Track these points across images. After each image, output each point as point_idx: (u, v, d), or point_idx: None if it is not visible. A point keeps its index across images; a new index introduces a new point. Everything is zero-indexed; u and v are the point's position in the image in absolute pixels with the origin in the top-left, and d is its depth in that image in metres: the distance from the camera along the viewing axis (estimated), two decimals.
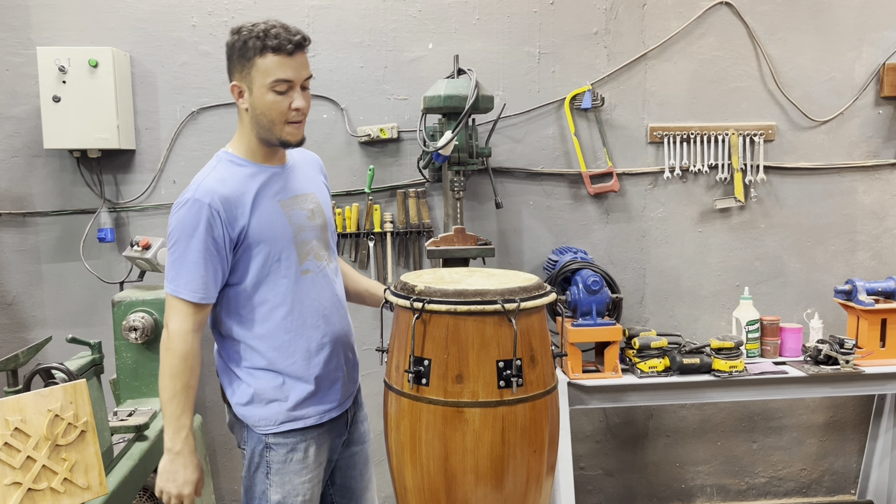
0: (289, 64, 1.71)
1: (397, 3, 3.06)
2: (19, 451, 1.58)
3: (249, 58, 1.72)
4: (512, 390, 1.68)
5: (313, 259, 1.86)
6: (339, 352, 1.91)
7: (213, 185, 1.73)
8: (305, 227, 1.84)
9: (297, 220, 1.83)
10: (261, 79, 1.72)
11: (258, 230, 1.76)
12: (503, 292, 1.69)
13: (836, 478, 3.50)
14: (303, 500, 1.85)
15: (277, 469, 1.83)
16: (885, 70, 3.21)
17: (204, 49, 3.02)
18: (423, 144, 2.72)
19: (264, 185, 1.80)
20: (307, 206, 1.88)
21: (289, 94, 1.74)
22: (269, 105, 1.73)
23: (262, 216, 1.77)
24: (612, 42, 3.15)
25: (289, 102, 1.74)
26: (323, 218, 1.92)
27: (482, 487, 1.70)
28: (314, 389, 1.85)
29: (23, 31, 2.93)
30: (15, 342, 3.05)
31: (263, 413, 1.83)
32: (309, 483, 1.86)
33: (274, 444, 1.84)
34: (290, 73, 1.72)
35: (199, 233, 1.69)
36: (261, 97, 1.73)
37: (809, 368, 2.86)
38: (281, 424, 1.83)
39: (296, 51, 1.73)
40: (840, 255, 3.34)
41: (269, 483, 1.83)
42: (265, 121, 1.76)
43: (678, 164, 3.19)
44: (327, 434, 1.91)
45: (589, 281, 2.77)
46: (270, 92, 1.72)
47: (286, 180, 1.86)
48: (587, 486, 3.39)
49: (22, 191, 3.01)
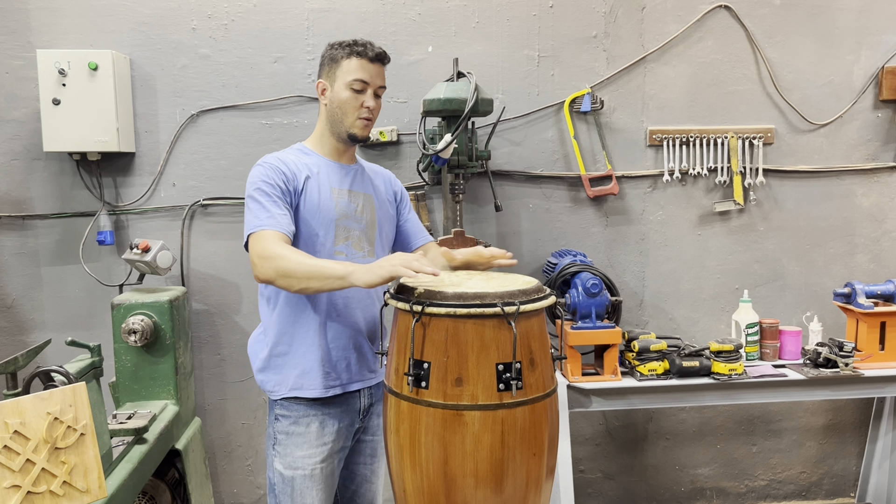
0: (367, 68, 1.98)
1: (397, 6, 3.07)
2: (18, 453, 1.57)
3: (337, 60, 1.99)
4: (511, 393, 1.68)
5: (350, 246, 2.02)
6: (352, 336, 2.02)
7: (278, 155, 2.02)
8: (350, 217, 2.03)
9: (343, 207, 2.02)
10: (343, 77, 1.98)
11: (307, 200, 1.97)
12: (502, 295, 1.69)
13: (836, 480, 3.50)
14: (303, 474, 1.97)
15: (281, 440, 2.00)
16: (883, 73, 3.22)
17: (204, 52, 3.02)
18: (422, 147, 2.72)
19: (321, 171, 2.02)
20: (358, 200, 2.07)
21: (363, 94, 1.99)
22: (346, 100, 1.99)
23: (311, 192, 1.97)
24: (611, 45, 3.16)
25: (362, 100, 1.99)
26: (373, 216, 2.09)
27: (482, 490, 1.70)
28: (323, 362, 1.98)
29: (22, 34, 2.94)
30: (14, 345, 3.05)
31: (276, 378, 2.00)
32: (310, 458, 1.97)
33: (280, 414, 2.00)
34: (366, 76, 1.98)
35: (269, 182, 1.92)
36: (340, 92, 1.99)
37: (809, 371, 2.86)
38: (291, 390, 1.98)
39: (376, 60, 2.00)
40: (839, 258, 3.34)
41: (276, 453, 2.01)
42: (339, 114, 2.00)
43: (677, 167, 3.20)
44: (335, 417, 2.01)
45: (588, 284, 2.77)
46: (348, 89, 1.98)
47: (346, 175, 2.07)
48: (587, 489, 3.39)
49: (21, 194, 3.01)
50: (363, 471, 2.17)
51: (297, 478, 1.97)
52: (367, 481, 2.18)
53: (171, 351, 2.72)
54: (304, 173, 1.98)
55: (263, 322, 2.06)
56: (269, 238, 1.84)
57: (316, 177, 2.00)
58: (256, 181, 1.93)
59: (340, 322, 2.00)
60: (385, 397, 1.86)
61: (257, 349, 2.07)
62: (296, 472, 1.97)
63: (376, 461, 2.19)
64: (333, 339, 2.00)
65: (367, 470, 2.18)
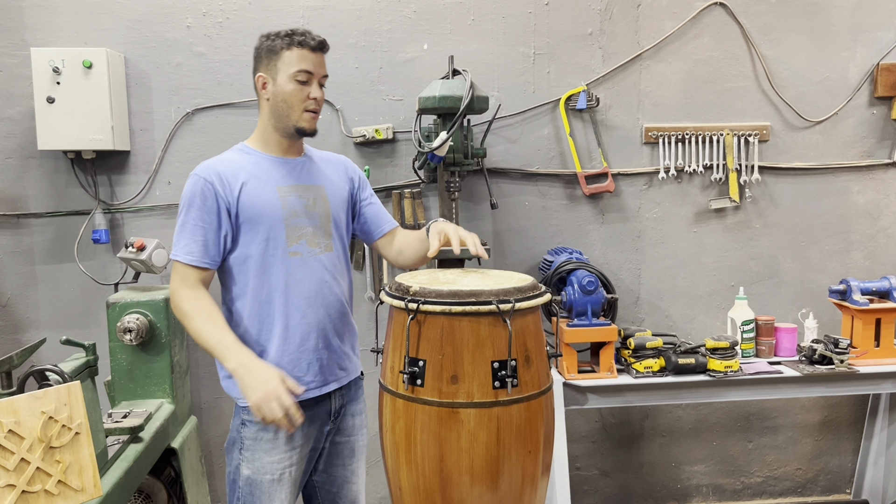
0: (310, 58, 1.91)
1: (392, 3, 3.06)
2: (13, 453, 1.57)
3: (277, 51, 1.91)
4: (507, 391, 1.68)
5: (305, 244, 1.95)
6: (320, 336, 1.96)
7: (211, 163, 1.93)
8: (301, 214, 1.95)
9: (291, 205, 1.94)
10: (286, 69, 1.90)
11: (246, 206, 1.90)
12: (498, 293, 1.69)
13: (832, 477, 3.51)
14: (271, 478, 1.92)
15: (249, 445, 1.93)
16: (878, 70, 3.23)
17: (199, 50, 3.01)
18: (418, 145, 2.72)
19: (263, 170, 1.95)
20: (309, 195, 1.99)
21: (308, 85, 1.92)
22: (291, 93, 1.91)
23: (252, 194, 1.91)
24: (606, 43, 3.16)
25: (308, 92, 1.92)
26: (326, 209, 2.02)
27: (477, 488, 1.70)
28: (289, 367, 1.91)
29: (17, 32, 2.93)
30: (9, 344, 3.04)
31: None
32: (279, 464, 1.92)
33: (247, 419, 1.93)
34: (310, 66, 1.91)
35: (196, 203, 1.87)
36: (283, 85, 1.91)
37: (804, 368, 2.87)
38: None
39: (318, 49, 1.93)
40: (834, 255, 3.35)
41: (242, 458, 1.94)
42: (285, 108, 1.93)
43: (673, 164, 3.20)
44: (306, 420, 1.93)
45: (584, 281, 2.77)
46: (293, 81, 1.90)
47: (292, 170, 2.00)
48: (583, 486, 3.39)
49: (16, 192, 3.00)
50: (342, 472, 2.11)
51: (265, 482, 1.91)
52: (347, 482, 2.12)
53: (167, 349, 2.72)
54: (242, 178, 1.91)
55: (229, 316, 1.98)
56: (182, 281, 1.86)
57: (256, 179, 1.92)
58: (186, 196, 1.88)
59: (306, 324, 1.94)
60: (380, 395, 1.86)
61: None
62: (264, 477, 1.91)
63: (355, 461, 2.13)
64: (301, 342, 1.93)
65: (346, 472, 2.12)
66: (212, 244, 1.88)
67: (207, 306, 1.84)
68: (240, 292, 1.93)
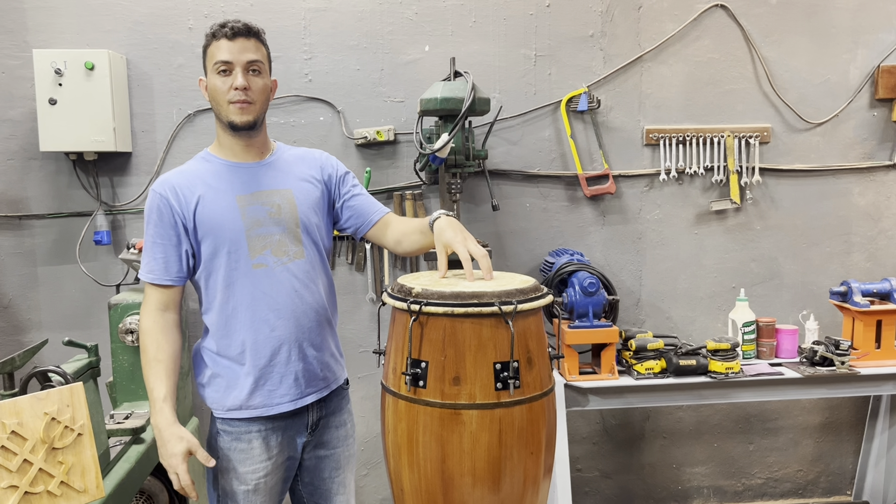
0: (227, 47, 1.83)
1: (394, 5, 3.07)
2: (16, 454, 1.57)
3: (205, 50, 1.88)
4: (509, 392, 1.68)
5: (270, 254, 1.87)
6: (294, 348, 1.90)
7: (168, 176, 1.89)
8: (264, 223, 1.87)
9: (253, 214, 1.87)
10: (210, 65, 1.86)
11: (203, 220, 1.85)
12: (500, 294, 1.69)
13: (833, 479, 3.51)
14: (245, 489, 1.90)
15: (223, 455, 1.91)
16: (879, 72, 3.23)
17: (200, 52, 3.01)
18: (419, 147, 2.72)
19: (222, 179, 1.88)
20: (272, 201, 1.90)
21: (228, 75, 1.83)
22: (215, 87, 1.85)
23: (208, 207, 1.85)
24: (607, 44, 3.16)
25: (230, 83, 1.83)
26: (294, 213, 1.91)
27: (479, 489, 1.70)
28: (260, 381, 1.88)
29: (19, 33, 2.93)
30: (10, 345, 3.05)
31: (215, 396, 1.92)
32: (253, 474, 1.90)
33: (222, 430, 1.92)
34: (227, 56, 1.82)
35: (153, 219, 1.86)
36: (210, 83, 1.86)
37: (805, 370, 2.87)
38: (229, 411, 1.90)
39: (235, 36, 1.83)
40: (835, 257, 3.35)
41: (217, 468, 1.92)
42: (215, 105, 1.87)
43: (674, 166, 3.20)
44: (280, 430, 1.93)
45: (585, 283, 2.77)
46: (215, 75, 1.84)
47: (254, 176, 1.91)
48: (584, 487, 3.39)
49: (18, 193, 3.01)
50: (328, 485, 2.06)
51: (240, 492, 1.89)
52: (335, 494, 2.07)
53: None
54: (198, 191, 1.84)
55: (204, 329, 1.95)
56: (147, 300, 1.87)
57: (214, 190, 1.85)
58: (145, 212, 1.87)
59: (275, 337, 1.87)
60: (382, 396, 1.86)
61: (199, 362, 1.96)
62: (239, 488, 1.89)
63: (342, 472, 2.07)
64: (272, 355, 1.88)
65: (332, 484, 2.06)
66: (172, 261, 1.86)
67: (156, 343, 1.84)
68: (208, 307, 1.90)
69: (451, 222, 1.87)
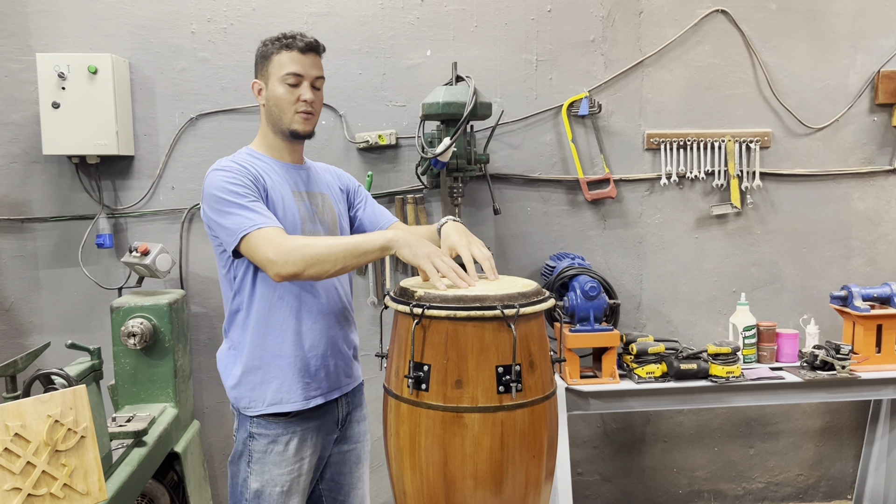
0: (300, 60, 1.90)
1: (396, 10, 3.08)
2: (19, 456, 1.58)
3: (268, 56, 1.93)
4: (511, 395, 1.69)
5: None
6: (330, 342, 1.97)
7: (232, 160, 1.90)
8: (313, 220, 1.97)
9: (305, 211, 1.95)
10: (275, 73, 1.91)
11: (272, 204, 1.88)
12: (502, 298, 1.70)
13: (833, 483, 3.51)
14: (280, 490, 1.91)
15: (258, 458, 1.92)
16: (879, 77, 3.24)
17: (203, 56, 3.03)
18: (421, 151, 2.73)
19: (277, 174, 1.95)
20: (317, 201, 2.01)
21: (298, 87, 1.91)
22: (280, 96, 1.91)
23: (276, 193, 1.90)
24: (608, 49, 3.17)
25: (298, 94, 1.91)
26: (333, 215, 2.04)
27: (481, 492, 1.70)
28: (299, 373, 1.91)
29: (22, 37, 2.94)
30: (13, 348, 3.05)
31: (250, 394, 1.92)
32: (288, 475, 1.92)
33: (257, 433, 1.92)
34: (299, 68, 1.90)
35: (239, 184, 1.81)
36: (274, 89, 1.92)
37: (806, 374, 2.87)
38: (269, 406, 1.91)
39: (307, 50, 1.92)
40: (835, 261, 3.36)
41: (250, 471, 1.92)
42: (277, 111, 1.93)
43: (675, 170, 3.21)
44: (314, 430, 1.96)
45: (586, 287, 2.78)
46: (282, 84, 1.90)
47: (301, 177, 2.02)
48: (585, 491, 3.39)
49: (20, 197, 3.01)
50: (349, 480, 2.11)
51: (275, 494, 1.91)
52: (354, 489, 2.13)
53: (170, 354, 2.73)
54: (265, 177, 1.90)
55: (231, 336, 1.96)
56: (275, 234, 1.75)
57: (273, 181, 1.91)
58: (225, 185, 1.80)
59: (317, 328, 1.94)
60: (385, 399, 1.86)
61: (228, 364, 1.97)
62: (273, 490, 1.91)
63: (360, 467, 2.14)
64: (311, 347, 1.93)
65: (352, 479, 2.12)
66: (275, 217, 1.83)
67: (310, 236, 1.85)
68: (250, 296, 1.90)
69: (458, 227, 1.97)
